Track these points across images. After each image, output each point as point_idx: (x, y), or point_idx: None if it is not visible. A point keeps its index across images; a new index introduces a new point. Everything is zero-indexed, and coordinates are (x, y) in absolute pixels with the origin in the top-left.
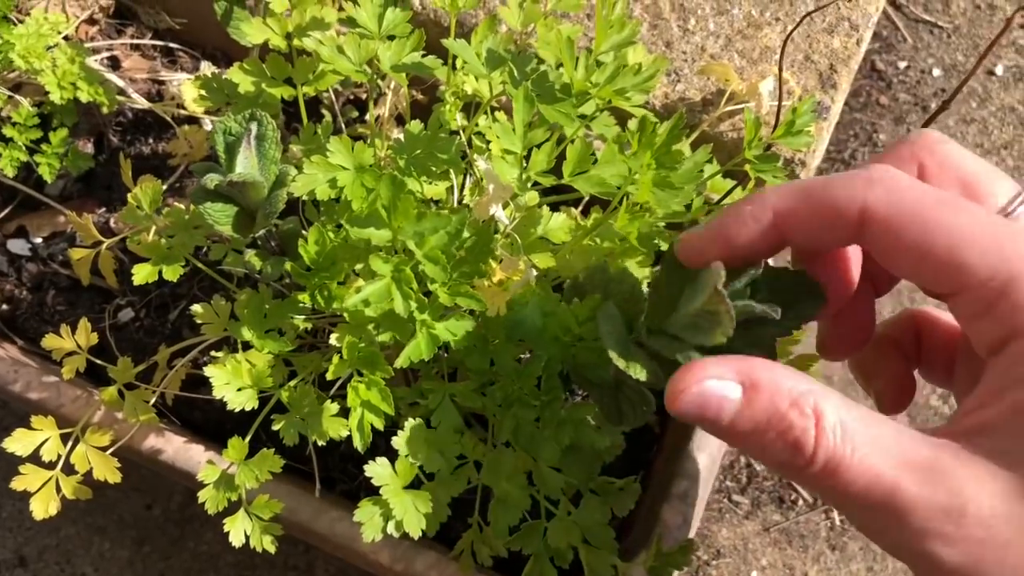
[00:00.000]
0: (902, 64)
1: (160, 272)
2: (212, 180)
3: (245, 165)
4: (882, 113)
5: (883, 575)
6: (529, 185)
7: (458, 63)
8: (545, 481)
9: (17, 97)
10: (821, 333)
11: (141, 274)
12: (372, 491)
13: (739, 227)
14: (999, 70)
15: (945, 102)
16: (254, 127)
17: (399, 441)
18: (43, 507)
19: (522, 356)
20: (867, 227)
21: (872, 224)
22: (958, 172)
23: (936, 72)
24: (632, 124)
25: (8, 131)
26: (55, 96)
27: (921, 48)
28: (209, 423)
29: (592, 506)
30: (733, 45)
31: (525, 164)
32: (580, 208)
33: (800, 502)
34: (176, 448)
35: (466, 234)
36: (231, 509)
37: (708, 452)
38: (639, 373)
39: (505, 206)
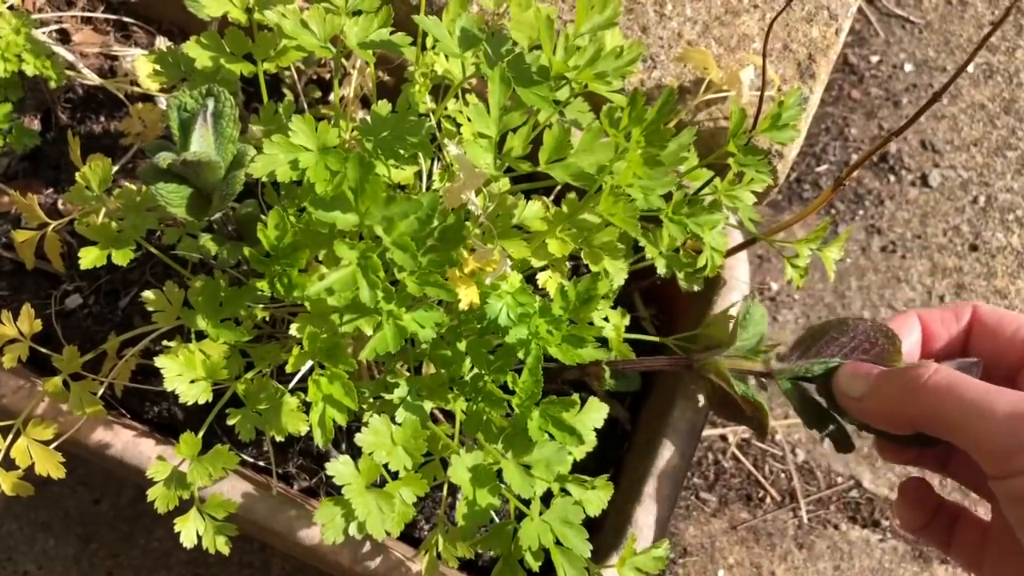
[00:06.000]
0: (874, 58)
1: (109, 257)
2: (164, 159)
3: (200, 143)
4: (854, 107)
5: (850, 573)
6: (503, 171)
7: (428, 42)
8: (516, 480)
9: None
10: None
11: (89, 258)
12: (333, 488)
13: None
14: (970, 67)
15: (936, 93)
16: (211, 103)
17: (363, 438)
18: None
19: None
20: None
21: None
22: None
23: (908, 67)
24: (606, 109)
25: None
26: (1, 69)
27: (893, 43)
28: (161, 416)
29: (564, 506)
30: (710, 32)
31: (499, 149)
32: (552, 197)
33: (768, 500)
34: (125, 442)
35: (437, 220)
36: (183, 508)
37: (680, 450)
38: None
39: (477, 193)
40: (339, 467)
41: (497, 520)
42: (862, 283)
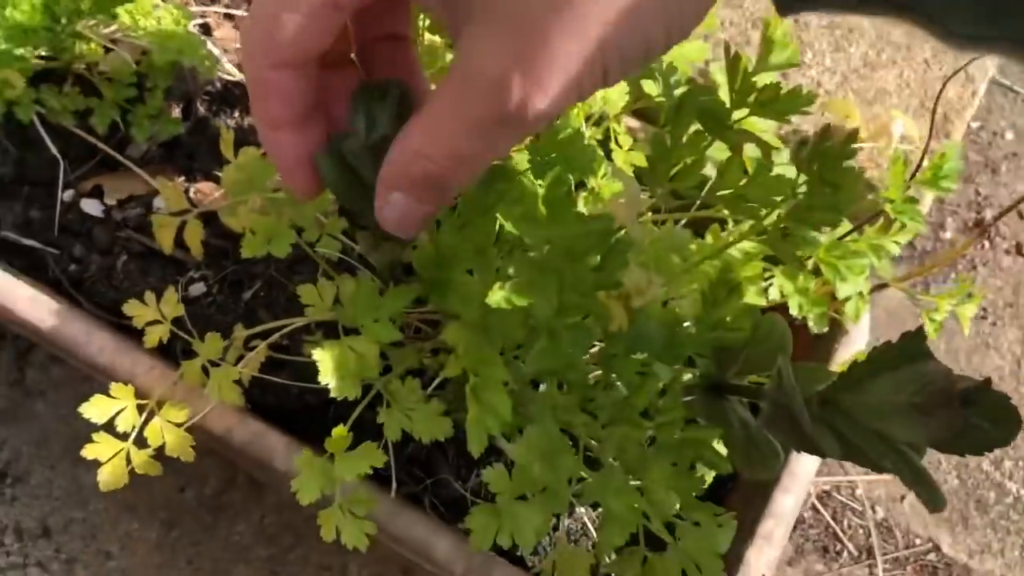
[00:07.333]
0: (975, 124)
1: (225, 250)
2: (350, 145)
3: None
4: None
5: None
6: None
7: None
8: (656, 503)
9: (122, 53)
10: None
11: (250, 247)
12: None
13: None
14: None
15: None
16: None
17: (518, 449)
18: (112, 479)
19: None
20: None
21: None
22: None
23: (1009, 135)
24: (750, 149)
25: (104, 88)
26: (156, 56)
27: (995, 110)
28: (283, 409)
29: (701, 535)
30: (848, 83)
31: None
32: (682, 224)
33: (844, 554)
34: (252, 432)
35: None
36: (321, 503)
37: (795, 494)
38: (831, 447)
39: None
40: (495, 476)
41: None
42: (950, 346)
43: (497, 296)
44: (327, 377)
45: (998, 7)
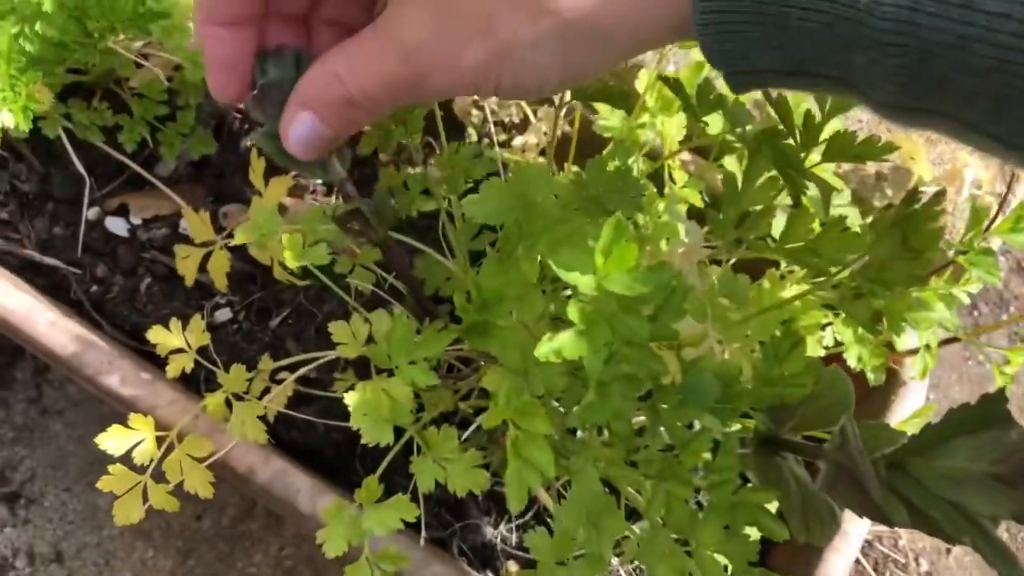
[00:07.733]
0: None
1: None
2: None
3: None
4: None
5: None
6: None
7: (649, 98)
8: (706, 568)
9: (154, 69)
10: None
11: (288, 260)
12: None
13: None
14: None
15: None
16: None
17: (562, 512)
18: (126, 513)
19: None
20: None
21: None
22: None
23: None
24: (813, 191)
25: (134, 104)
26: (189, 73)
27: None
28: (308, 446)
29: None
30: None
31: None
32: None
33: None
34: (275, 471)
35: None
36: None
37: (846, 556)
38: (900, 516)
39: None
40: (537, 541)
41: None
42: None
43: (545, 348)
44: (359, 422)
45: (912, 81)
